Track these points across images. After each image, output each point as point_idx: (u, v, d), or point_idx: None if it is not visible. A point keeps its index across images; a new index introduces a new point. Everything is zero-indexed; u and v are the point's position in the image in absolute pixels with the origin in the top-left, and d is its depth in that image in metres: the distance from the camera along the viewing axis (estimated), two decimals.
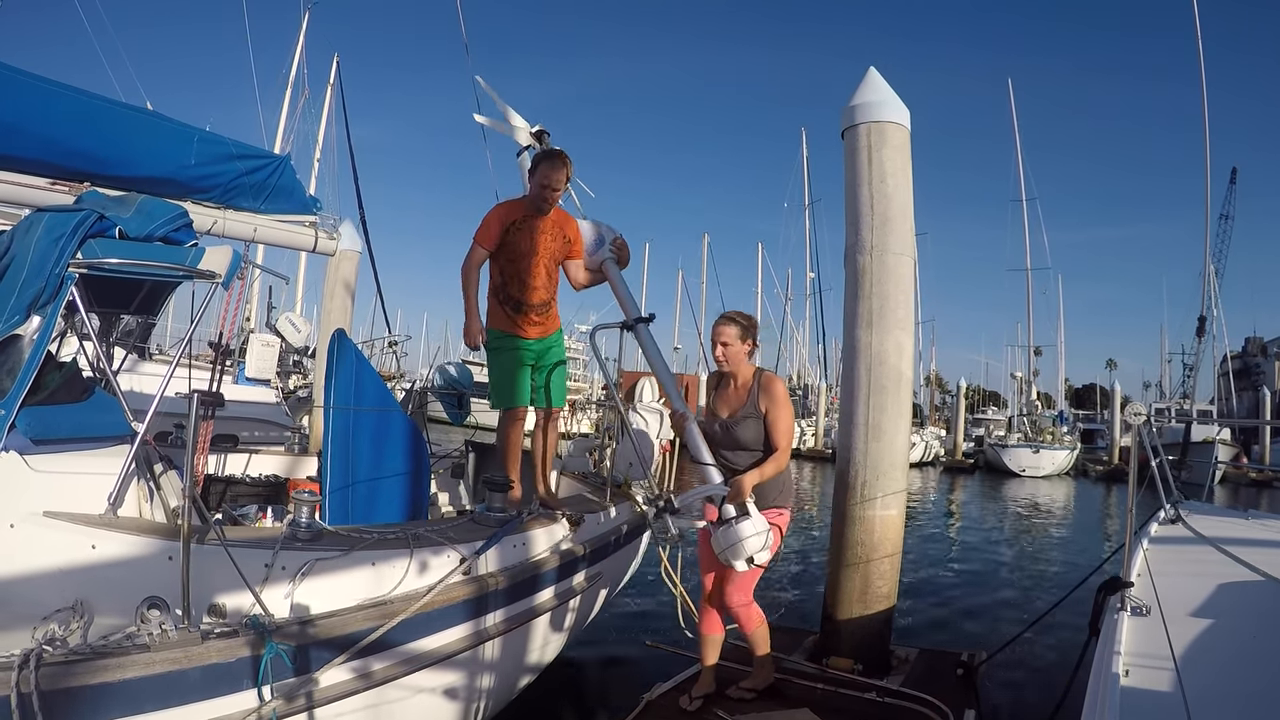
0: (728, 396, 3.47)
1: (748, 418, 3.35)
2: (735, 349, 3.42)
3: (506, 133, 4.72)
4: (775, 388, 3.39)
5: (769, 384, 3.39)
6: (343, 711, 2.45)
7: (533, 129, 4.63)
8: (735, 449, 3.36)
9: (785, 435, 3.35)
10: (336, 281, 9.51)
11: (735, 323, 3.45)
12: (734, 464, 3.35)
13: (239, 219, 4.15)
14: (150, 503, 2.82)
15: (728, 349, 3.41)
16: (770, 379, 3.43)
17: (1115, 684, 1.94)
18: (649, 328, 3.79)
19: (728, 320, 3.47)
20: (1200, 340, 21.42)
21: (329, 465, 3.46)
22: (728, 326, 3.44)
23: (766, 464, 3.28)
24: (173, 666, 2.05)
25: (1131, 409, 3.28)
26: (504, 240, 3.74)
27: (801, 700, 3.56)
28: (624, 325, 3.77)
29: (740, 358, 3.44)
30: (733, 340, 3.41)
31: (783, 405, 3.36)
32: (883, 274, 4.39)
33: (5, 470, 2.40)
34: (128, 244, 2.78)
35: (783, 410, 3.36)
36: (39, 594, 2.28)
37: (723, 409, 3.46)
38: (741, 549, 3.08)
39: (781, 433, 3.34)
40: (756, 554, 3.10)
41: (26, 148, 3.40)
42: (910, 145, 4.58)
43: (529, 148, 4.63)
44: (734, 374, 3.46)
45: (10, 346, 2.61)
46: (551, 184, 3.72)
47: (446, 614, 2.73)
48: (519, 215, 3.77)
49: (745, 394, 3.40)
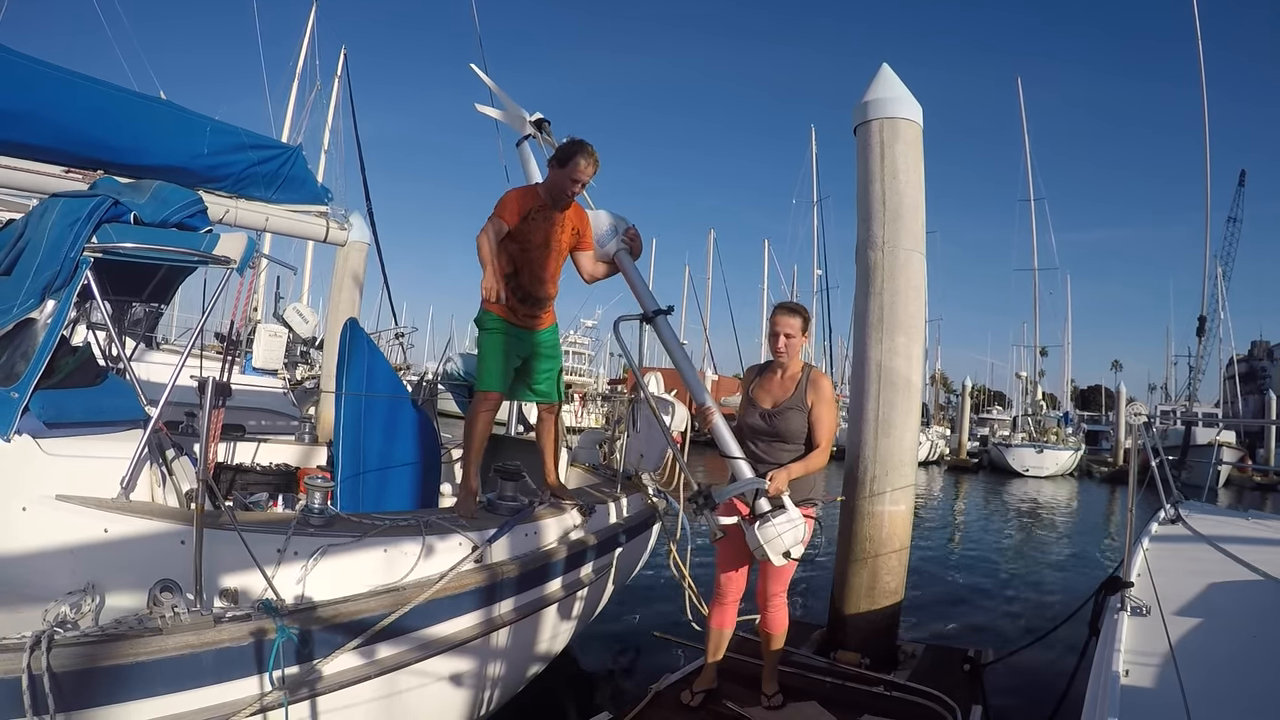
0: (772, 387, 3.38)
1: (792, 409, 3.27)
2: (796, 341, 3.34)
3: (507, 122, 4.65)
4: (824, 385, 3.32)
5: (818, 380, 3.33)
6: (353, 697, 2.45)
7: (532, 118, 4.54)
8: (774, 440, 3.29)
9: (828, 433, 3.30)
10: (345, 273, 9.50)
11: (798, 314, 3.37)
12: (769, 456, 3.29)
13: (251, 208, 4.17)
14: (163, 487, 2.83)
15: (790, 341, 3.32)
16: (820, 375, 3.37)
17: (1115, 683, 1.95)
18: (668, 320, 3.72)
19: (790, 311, 3.38)
20: (1201, 340, 21.32)
21: (341, 453, 3.46)
22: (791, 318, 3.35)
23: (811, 457, 3.25)
24: (185, 649, 2.06)
25: (1133, 409, 3.28)
26: (520, 227, 3.62)
27: (809, 693, 3.56)
28: (643, 318, 3.71)
29: (798, 350, 3.37)
30: (795, 332, 3.33)
31: (829, 403, 3.31)
32: (894, 270, 4.38)
33: (18, 453, 2.41)
34: (143, 229, 2.79)
35: (828, 408, 3.31)
36: (51, 576, 2.28)
37: (765, 399, 3.36)
38: (780, 543, 3.03)
39: (825, 430, 3.29)
40: (793, 548, 3.06)
41: (42, 136, 3.41)
42: (922, 142, 4.57)
43: (529, 137, 4.58)
44: (784, 365, 3.38)
45: (24, 330, 2.61)
46: (582, 179, 3.59)
47: (457, 601, 2.73)
48: (536, 204, 3.64)
49: (792, 385, 3.32)
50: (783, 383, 3.36)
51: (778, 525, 3.01)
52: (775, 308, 3.47)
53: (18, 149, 3.44)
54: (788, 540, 3.02)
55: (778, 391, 3.35)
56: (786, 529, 3.02)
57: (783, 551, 3.03)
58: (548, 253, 3.67)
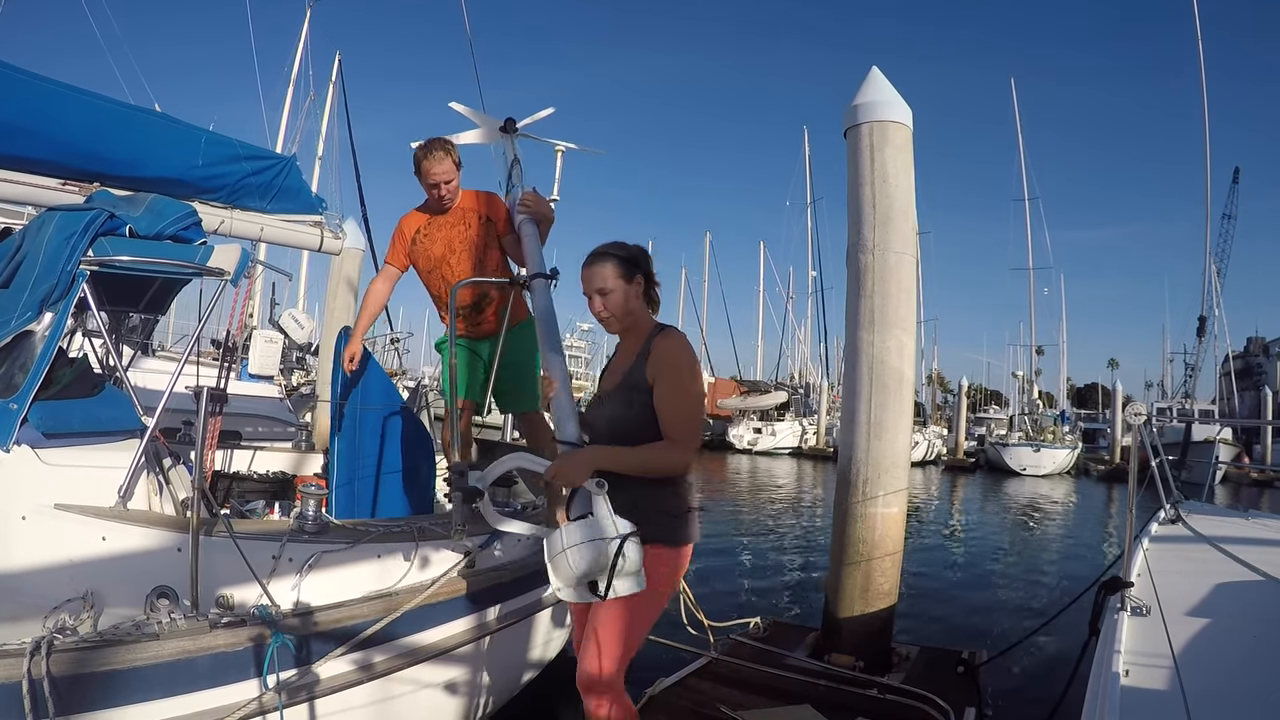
0: (615, 365, 2.40)
1: (620, 392, 2.25)
2: (618, 295, 2.27)
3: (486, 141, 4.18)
4: (668, 351, 2.21)
5: (659, 346, 2.22)
6: (348, 701, 2.48)
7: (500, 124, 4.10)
8: (607, 439, 2.24)
9: (684, 422, 2.15)
10: (340, 279, 9.57)
11: (611, 257, 2.28)
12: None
13: (246, 218, 4.18)
14: (159, 496, 2.86)
15: (609, 298, 2.27)
16: (666, 339, 2.25)
17: (1115, 684, 1.94)
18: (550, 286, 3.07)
19: (599, 257, 2.28)
20: (1201, 340, 21.42)
21: (336, 460, 3.50)
22: (599, 267, 2.27)
23: (650, 450, 2.13)
24: (181, 655, 2.09)
25: (1132, 408, 3.29)
26: (413, 252, 3.56)
27: (803, 696, 3.59)
28: (515, 283, 3.28)
29: (628, 306, 2.29)
30: (609, 284, 2.26)
31: (676, 376, 2.18)
32: (884, 273, 4.42)
33: (17, 463, 2.45)
34: (138, 242, 2.82)
35: (676, 381, 2.17)
36: (50, 584, 2.32)
37: (608, 380, 2.41)
38: (565, 564, 1.93)
39: (674, 418, 2.15)
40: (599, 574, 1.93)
41: (37, 149, 3.44)
42: (912, 145, 4.61)
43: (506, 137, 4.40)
44: (629, 333, 2.35)
45: (23, 342, 2.65)
46: (433, 179, 3.40)
47: (451, 606, 2.76)
48: (420, 223, 3.57)
49: (630, 359, 2.27)
50: (624, 358, 2.35)
51: (568, 535, 1.96)
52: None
53: (15, 162, 3.47)
54: (577, 561, 1.92)
55: (617, 369, 2.36)
56: (577, 541, 1.94)
57: (570, 579, 1.96)
58: (454, 259, 3.58)
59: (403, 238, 3.58)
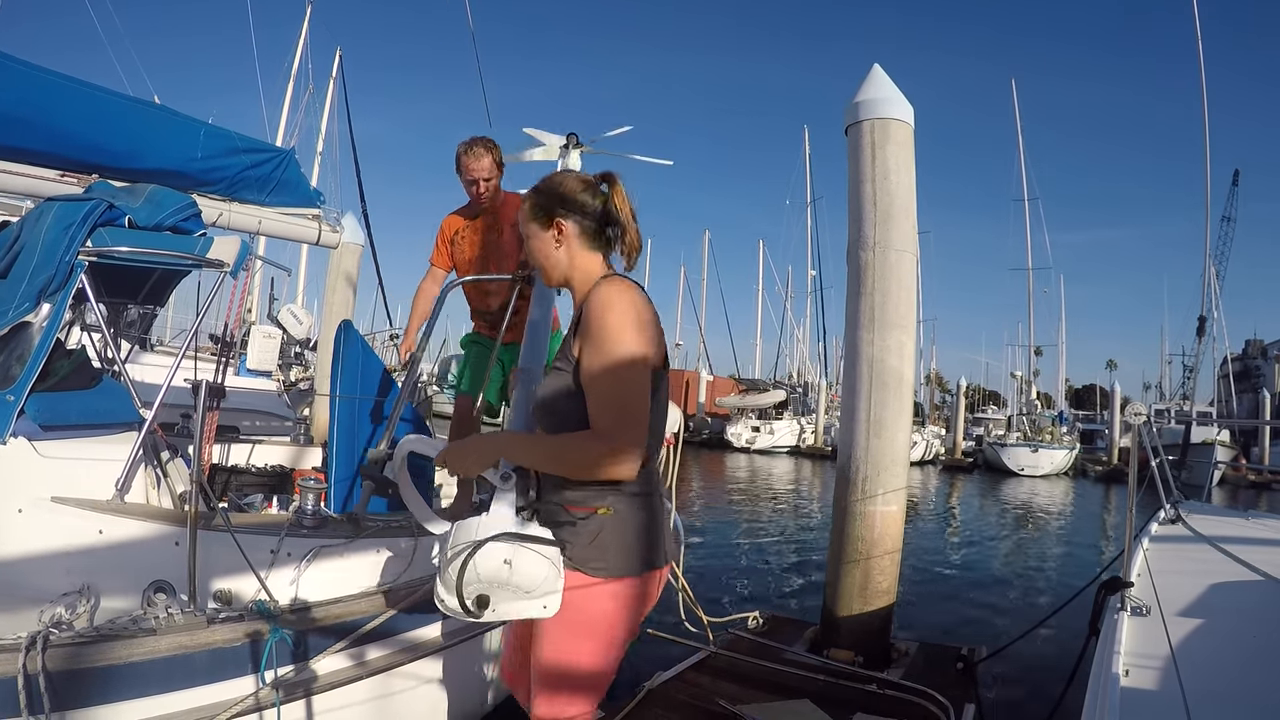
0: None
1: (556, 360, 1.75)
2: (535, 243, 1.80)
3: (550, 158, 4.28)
4: (595, 305, 1.64)
5: (592, 304, 1.65)
6: (346, 697, 2.47)
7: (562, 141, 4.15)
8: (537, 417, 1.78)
9: (608, 402, 1.59)
10: (338, 274, 9.54)
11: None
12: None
13: (244, 211, 4.17)
14: (157, 489, 2.85)
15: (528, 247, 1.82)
16: (597, 290, 1.67)
17: (1115, 684, 1.94)
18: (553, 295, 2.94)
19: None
20: (1200, 340, 21.45)
21: (335, 454, 3.48)
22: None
23: (561, 440, 1.65)
24: (178, 650, 2.08)
25: (1132, 409, 3.28)
26: (452, 254, 3.58)
27: (802, 690, 3.58)
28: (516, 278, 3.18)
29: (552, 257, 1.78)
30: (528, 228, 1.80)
31: (601, 337, 1.59)
32: (884, 271, 4.40)
33: (14, 455, 2.43)
34: (137, 233, 2.81)
35: (599, 346, 1.59)
36: (47, 578, 2.31)
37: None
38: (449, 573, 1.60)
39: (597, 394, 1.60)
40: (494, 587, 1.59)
41: (36, 140, 3.42)
42: (914, 142, 4.60)
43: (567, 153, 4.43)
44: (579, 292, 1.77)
45: (20, 333, 2.63)
46: (469, 174, 3.33)
47: None
48: (458, 226, 3.59)
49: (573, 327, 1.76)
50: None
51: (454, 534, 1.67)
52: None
53: (14, 153, 3.45)
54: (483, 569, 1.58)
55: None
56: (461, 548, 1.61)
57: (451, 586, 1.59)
58: (484, 263, 3.57)
59: (444, 238, 3.62)
